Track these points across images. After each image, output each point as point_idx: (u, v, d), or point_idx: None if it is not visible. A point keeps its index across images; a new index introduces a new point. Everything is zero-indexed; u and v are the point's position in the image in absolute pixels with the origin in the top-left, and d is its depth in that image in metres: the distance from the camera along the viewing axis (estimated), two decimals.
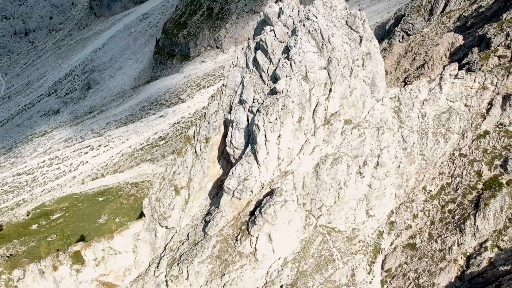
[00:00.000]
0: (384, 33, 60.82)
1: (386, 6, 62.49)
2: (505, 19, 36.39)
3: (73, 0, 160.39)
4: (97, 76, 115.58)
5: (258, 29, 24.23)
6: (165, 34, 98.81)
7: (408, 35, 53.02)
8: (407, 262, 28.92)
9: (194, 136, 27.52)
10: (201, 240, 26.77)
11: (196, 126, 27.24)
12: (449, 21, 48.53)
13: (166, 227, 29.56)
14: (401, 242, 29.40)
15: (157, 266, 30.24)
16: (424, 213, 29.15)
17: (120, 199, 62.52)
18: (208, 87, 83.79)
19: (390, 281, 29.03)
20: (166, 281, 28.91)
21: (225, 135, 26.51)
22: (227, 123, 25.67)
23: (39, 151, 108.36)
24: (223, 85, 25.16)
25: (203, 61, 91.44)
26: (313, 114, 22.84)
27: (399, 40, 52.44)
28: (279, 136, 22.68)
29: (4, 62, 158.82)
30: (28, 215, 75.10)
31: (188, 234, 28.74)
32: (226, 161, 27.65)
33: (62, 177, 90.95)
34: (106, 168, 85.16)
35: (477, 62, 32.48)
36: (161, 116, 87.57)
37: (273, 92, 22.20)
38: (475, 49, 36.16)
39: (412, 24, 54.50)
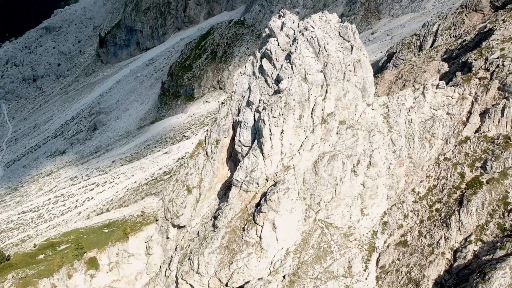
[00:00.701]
0: (377, 70, 64.97)
1: (380, 46, 67.15)
2: (484, 46, 40.32)
3: (81, 48, 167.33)
4: (104, 117, 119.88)
5: (263, 42, 27.93)
6: (170, 76, 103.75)
7: None
8: (399, 258, 31.39)
9: (205, 140, 30.72)
10: (211, 233, 29.46)
11: (207, 131, 30.50)
12: (436, 54, 52.65)
13: (178, 226, 32.23)
14: (394, 240, 31.95)
15: (168, 266, 32.70)
16: (414, 213, 31.88)
17: (127, 225, 64.98)
18: (212, 124, 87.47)
19: (384, 277, 31.41)
20: (177, 278, 31.35)
21: (233, 138, 29.68)
22: (235, 126, 28.92)
23: (45, 189, 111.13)
24: (232, 92, 28.61)
25: (206, 101, 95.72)
26: (311, 112, 26.14)
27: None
28: (282, 132, 25.88)
29: (12, 107, 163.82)
30: (34, 247, 77.23)
31: (198, 232, 31.40)
32: (233, 163, 30.67)
33: (68, 213, 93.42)
34: (111, 203, 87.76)
35: (460, 84, 36.13)
36: (166, 152, 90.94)
37: (276, 92, 25.61)
38: (459, 73, 39.82)
39: (403, 59, 58.76)
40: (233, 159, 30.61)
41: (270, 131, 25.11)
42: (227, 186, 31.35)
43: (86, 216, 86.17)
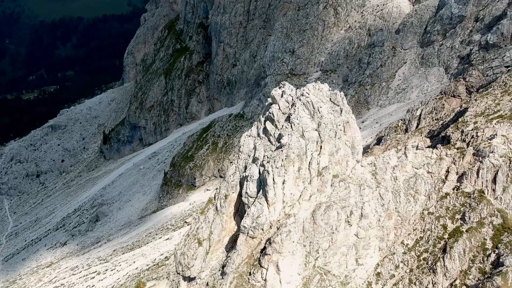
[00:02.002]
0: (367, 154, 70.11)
1: (370, 132, 72.82)
2: (460, 121, 45.64)
3: (85, 145, 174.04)
4: (106, 209, 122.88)
5: (266, 109, 32.82)
6: (173, 166, 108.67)
7: None
8: None
9: (215, 197, 34.60)
10: (220, 280, 32.42)
11: (217, 188, 34.46)
12: (421, 135, 57.98)
13: (189, 279, 35.09)
14: None
15: None
16: (404, 263, 35.05)
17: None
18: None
19: None
20: None
21: (240, 194, 33.59)
22: (242, 182, 32.97)
23: (45, 280, 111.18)
24: (239, 151, 33.03)
25: (207, 190, 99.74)
26: (308, 165, 30.36)
27: None
28: (283, 182, 29.93)
29: (14, 202, 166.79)
30: None
31: (207, 282, 34.28)
32: (240, 218, 34.31)
33: None
34: None
35: (437, 147, 40.91)
36: (167, 238, 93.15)
37: (278, 148, 30.05)
38: (439, 145, 44.79)
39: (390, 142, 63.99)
40: (240, 214, 34.28)
41: (273, 180, 29.20)
42: (234, 240, 34.71)
43: None
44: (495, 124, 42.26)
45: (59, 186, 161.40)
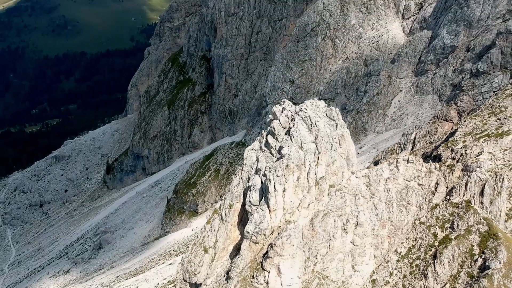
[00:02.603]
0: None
1: (367, 157, 75.44)
2: (450, 140, 48.46)
3: (88, 175, 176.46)
4: (109, 237, 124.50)
5: (267, 124, 35.64)
6: (176, 194, 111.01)
7: None
8: None
9: (220, 207, 37.07)
10: (225, 284, 34.59)
11: (222, 199, 36.95)
12: (415, 156, 60.63)
13: (195, 285, 37.22)
14: None
15: None
16: (398, 270, 37.22)
17: None
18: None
19: None
20: None
21: (243, 204, 36.09)
22: (245, 192, 35.52)
23: None
24: (243, 164, 35.69)
25: (209, 215, 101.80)
26: (307, 175, 32.98)
27: None
28: (284, 190, 32.47)
29: (17, 232, 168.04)
30: None
31: None
32: (243, 226, 36.69)
33: None
34: None
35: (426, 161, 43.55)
36: (170, 263, 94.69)
37: (279, 158, 32.74)
38: (429, 160, 47.49)
39: None
40: (243, 223, 36.65)
41: (274, 187, 31.78)
42: (238, 248, 36.99)
43: None
44: (482, 142, 45.09)
45: (62, 216, 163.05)
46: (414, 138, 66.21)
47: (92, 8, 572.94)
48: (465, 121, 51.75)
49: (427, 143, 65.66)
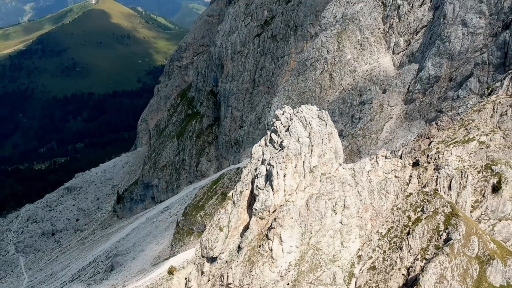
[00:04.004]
0: None
1: None
2: (426, 148, 56.96)
3: (99, 205, 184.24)
4: (120, 259, 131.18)
5: (271, 126, 44.31)
6: (185, 216, 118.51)
7: None
8: (371, 278, 43.71)
9: (232, 194, 45.31)
10: (236, 254, 42.48)
11: (234, 188, 45.23)
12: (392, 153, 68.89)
13: (212, 259, 45.03)
14: (366, 267, 44.54)
15: None
16: (379, 247, 44.99)
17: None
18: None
19: None
20: None
21: (252, 191, 44.36)
22: (253, 180, 43.87)
23: None
24: (252, 157, 44.20)
25: None
26: (303, 163, 41.35)
27: None
28: (284, 175, 40.79)
29: (29, 259, 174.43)
30: None
31: (226, 260, 44.23)
32: (251, 210, 44.87)
33: None
34: None
35: (402, 157, 51.91)
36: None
37: (280, 150, 41.28)
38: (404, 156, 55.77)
39: None
40: (251, 208, 44.83)
41: (277, 172, 40.16)
42: (247, 228, 45.03)
43: None
44: (452, 148, 53.58)
45: (73, 243, 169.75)
46: (401, 154, 74.69)
47: (100, 51, 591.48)
48: (439, 133, 60.38)
49: (411, 158, 74.32)
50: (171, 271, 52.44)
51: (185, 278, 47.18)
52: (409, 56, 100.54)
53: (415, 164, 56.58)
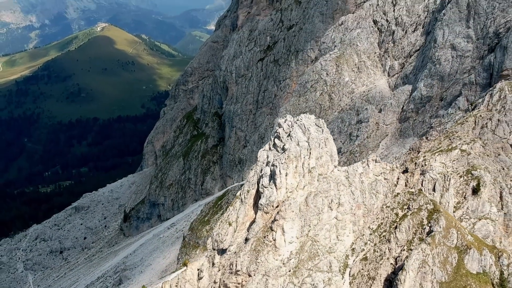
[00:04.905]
0: None
1: None
2: (414, 157, 63.03)
3: (106, 223, 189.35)
4: (129, 273, 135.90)
5: (274, 132, 50.54)
6: (191, 230, 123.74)
7: None
8: (363, 268, 49.32)
9: (240, 194, 51.24)
10: (244, 245, 48.14)
11: (241, 187, 51.19)
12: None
13: (222, 251, 50.68)
14: (359, 258, 50.22)
15: (214, 282, 50.44)
16: (370, 241, 50.66)
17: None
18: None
19: (354, 281, 49.08)
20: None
21: (257, 190, 50.31)
22: (259, 180, 49.85)
23: None
24: (257, 160, 50.29)
25: None
26: (302, 165, 47.39)
27: None
28: (286, 174, 46.82)
29: (38, 277, 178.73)
30: None
31: (235, 252, 49.88)
32: (257, 208, 50.73)
33: None
34: None
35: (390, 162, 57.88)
36: None
37: (283, 152, 47.38)
38: (401, 174, 61.72)
39: None
40: (257, 205, 50.70)
41: (280, 171, 46.18)
42: (253, 223, 50.81)
43: None
44: (436, 155, 59.57)
45: (81, 261, 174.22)
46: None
47: (105, 77, 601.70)
48: (426, 141, 66.47)
49: (402, 167, 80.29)
50: (185, 263, 57.74)
51: (198, 269, 52.65)
52: (403, 78, 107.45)
53: (405, 171, 62.60)
